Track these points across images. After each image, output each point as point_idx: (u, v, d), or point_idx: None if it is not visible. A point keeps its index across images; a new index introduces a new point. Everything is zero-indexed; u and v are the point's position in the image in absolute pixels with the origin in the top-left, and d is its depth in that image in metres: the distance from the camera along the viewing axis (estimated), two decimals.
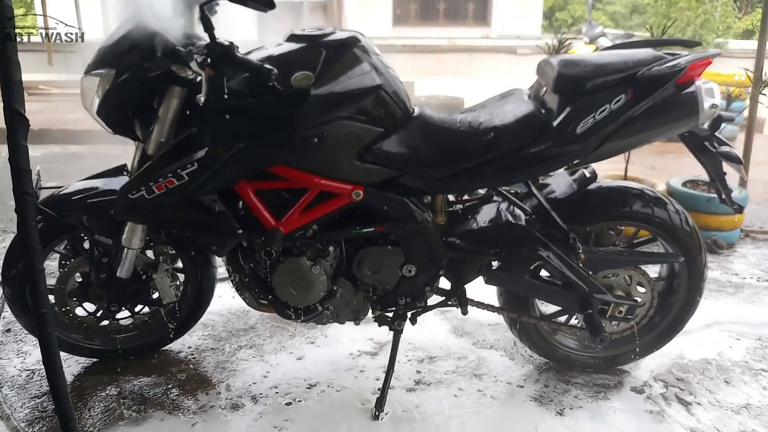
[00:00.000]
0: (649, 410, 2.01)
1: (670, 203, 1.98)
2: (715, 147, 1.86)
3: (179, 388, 2.07)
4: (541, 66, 1.92)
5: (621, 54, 1.84)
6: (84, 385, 2.09)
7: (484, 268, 1.98)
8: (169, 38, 1.65)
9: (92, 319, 2.12)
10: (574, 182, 1.96)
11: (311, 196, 1.78)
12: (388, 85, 1.75)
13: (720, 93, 1.81)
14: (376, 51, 1.80)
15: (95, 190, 1.93)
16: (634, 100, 1.73)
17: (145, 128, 1.75)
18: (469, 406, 2.01)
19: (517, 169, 1.80)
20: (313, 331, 2.42)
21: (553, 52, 4.16)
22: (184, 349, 2.31)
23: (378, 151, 1.75)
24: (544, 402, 2.04)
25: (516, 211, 1.93)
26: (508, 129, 1.78)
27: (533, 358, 2.27)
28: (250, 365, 2.21)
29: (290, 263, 1.85)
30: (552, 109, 1.78)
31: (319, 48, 1.69)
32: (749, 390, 2.12)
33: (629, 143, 1.85)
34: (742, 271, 3.15)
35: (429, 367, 2.22)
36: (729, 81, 5.39)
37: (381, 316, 2.01)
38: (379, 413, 1.93)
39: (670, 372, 2.21)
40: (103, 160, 2.19)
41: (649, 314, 2.10)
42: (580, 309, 1.98)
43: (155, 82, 1.67)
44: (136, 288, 2.04)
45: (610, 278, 2.03)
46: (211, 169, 1.69)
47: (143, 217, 1.82)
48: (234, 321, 2.52)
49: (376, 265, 1.90)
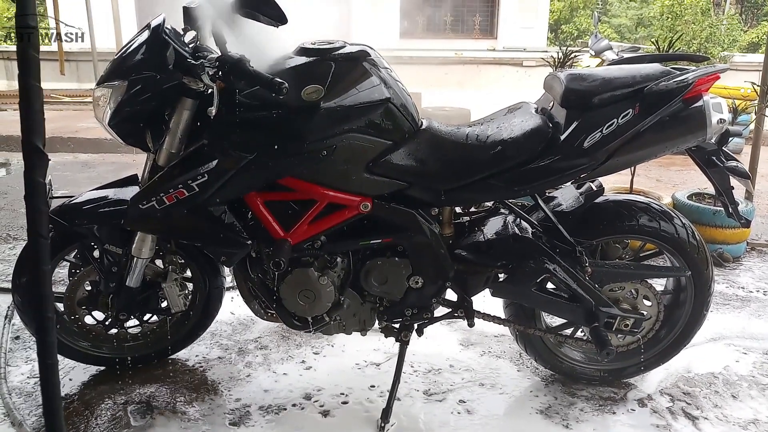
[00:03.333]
0: (655, 424, 2.00)
1: (676, 217, 1.98)
2: (723, 161, 1.87)
3: (186, 397, 2.08)
4: (548, 80, 1.94)
5: (629, 69, 1.85)
6: (91, 393, 2.10)
7: (490, 281, 1.99)
8: (181, 51, 1.67)
9: (101, 328, 2.14)
10: (581, 195, 1.97)
11: (320, 207, 1.80)
12: (396, 99, 1.77)
13: (727, 107, 1.82)
14: (385, 64, 1.82)
15: (106, 200, 1.95)
16: (641, 115, 1.74)
17: (157, 139, 1.77)
18: (475, 418, 2.01)
19: (524, 182, 1.81)
20: (319, 342, 2.43)
21: (559, 64, 4.18)
22: (192, 358, 2.32)
23: (386, 164, 1.77)
24: (550, 414, 2.03)
25: (523, 224, 1.94)
26: (516, 142, 1.80)
27: (539, 370, 2.27)
28: (257, 374, 2.22)
29: (298, 274, 1.86)
30: (559, 123, 1.80)
31: (328, 61, 1.71)
32: (757, 405, 2.11)
33: (636, 157, 1.86)
34: (749, 284, 3.14)
35: (435, 379, 2.22)
36: (735, 94, 5.40)
37: (387, 327, 2.02)
38: (384, 424, 1.94)
39: (676, 386, 2.21)
40: (114, 168, 2.21)
41: (655, 328, 2.10)
42: (586, 322, 1.98)
43: (167, 94, 1.70)
44: (145, 297, 2.06)
45: (616, 291, 2.03)
46: (221, 180, 1.71)
47: (153, 227, 1.84)
48: (241, 330, 2.53)
49: (383, 276, 1.91)
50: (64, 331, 2.10)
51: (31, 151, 0.84)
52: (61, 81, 8.57)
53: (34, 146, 0.80)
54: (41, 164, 0.81)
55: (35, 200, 0.81)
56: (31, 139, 0.80)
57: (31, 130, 0.81)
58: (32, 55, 0.93)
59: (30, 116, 0.81)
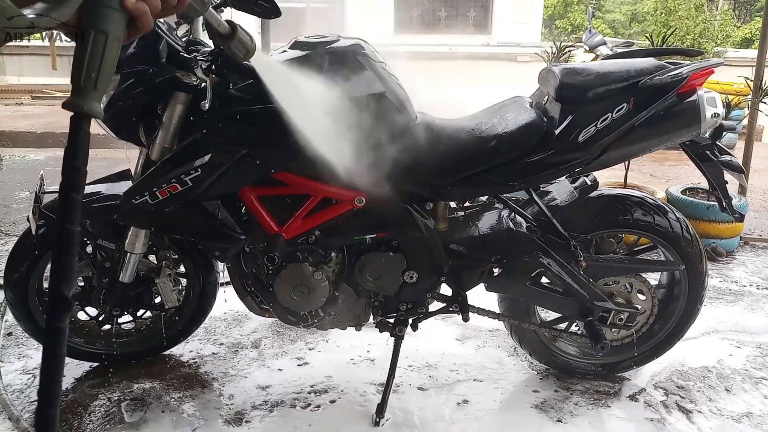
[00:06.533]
0: (649, 418, 2.01)
1: (670, 211, 1.99)
2: (717, 156, 1.87)
3: (180, 393, 2.07)
4: (543, 74, 1.93)
5: (623, 63, 1.85)
6: (84, 389, 2.09)
7: (485, 275, 1.98)
8: (174, 44, 1.66)
9: (94, 324, 2.13)
10: (575, 190, 1.97)
11: (314, 202, 1.79)
12: (391, 93, 1.76)
13: (721, 102, 1.83)
14: (379, 58, 1.81)
15: (98, 195, 1.93)
16: (636, 109, 1.74)
17: (149, 134, 1.76)
18: (470, 413, 2.01)
19: (518, 176, 1.81)
20: (314, 337, 2.43)
21: (554, 59, 4.18)
22: (186, 354, 2.31)
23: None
24: (545, 409, 2.04)
25: (517, 219, 1.94)
26: (511, 137, 1.79)
27: (534, 364, 2.28)
28: (252, 370, 2.22)
29: (292, 269, 1.85)
30: (554, 117, 1.79)
31: (323, 55, 1.70)
32: (750, 398, 2.12)
33: (631, 152, 1.86)
34: (742, 278, 3.15)
35: (430, 373, 2.22)
36: (728, 89, 5.42)
37: (382, 322, 2.02)
38: (379, 419, 1.94)
39: (670, 379, 2.22)
40: (106, 164, 2.19)
41: (649, 322, 2.11)
42: (580, 316, 1.99)
43: (160, 88, 1.68)
44: (139, 292, 2.05)
45: (610, 286, 2.04)
46: (215, 175, 1.70)
47: (146, 222, 1.83)
48: (236, 326, 2.53)
49: (377, 271, 1.91)
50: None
51: (62, 228, 0.60)
52: (53, 76, 8.52)
53: (66, 227, 0.58)
54: (74, 240, 0.60)
55: (59, 287, 0.58)
56: (64, 222, 0.59)
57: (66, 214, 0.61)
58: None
59: (71, 172, 0.60)
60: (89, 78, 0.63)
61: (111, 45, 0.64)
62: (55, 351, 0.61)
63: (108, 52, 0.64)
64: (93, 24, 0.63)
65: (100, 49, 0.63)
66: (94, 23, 0.63)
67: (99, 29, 0.63)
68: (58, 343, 0.61)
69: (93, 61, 0.63)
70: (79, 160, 0.64)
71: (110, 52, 0.64)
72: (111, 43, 0.64)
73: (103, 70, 0.64)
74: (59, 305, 0.62)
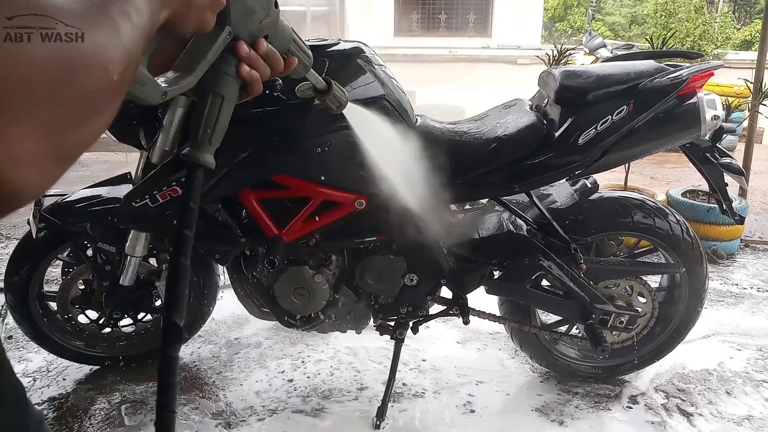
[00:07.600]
0: (650, 421, 2.01)
1: (671, 214, 1.99)
2: (717, 158, 1.87)
3: (180, 396, 2.07)
4: (543, 77, 1.93)
5: (623, 65, 1.85)
6: (85, 392, 2.08)
7: (485, 278, 1.98)
8: None
9: (94, 327, 2.13)
10: (575, 192, 1.97)
11: (314, 205, 1.79)
12: (391, 95, 1.76)
13: (721, 104, 1.83)
14: (379, 61, 1.81)
15: (99, 198, 1.93)
16: (636, 112, 1.74)
17: (150, 137, 1.76)
18: (471, 416, 2.01)
19: (518, 179, 1.81)
20: (314, 340, 2.42)
21: (554, 62, 4.18)
22: (186, 356, 2.31)
23: None
24: (546, 412, 2.04)
25: (517, 221, 1.94)
26: (511, 139, 1.79)
27: (535, 367, 2.27)
28: (251, 373, 2.21)
29: (293, 272, 1.85)
30: (554, 119, 1.79)
31: (323, 58, 1.70)
32: (751, 401, 2.12)
33: (631, 154, 1.86)
34: (742, 281, 3.15)
35: (431, 376, 2.22)
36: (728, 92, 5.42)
37: (382, 325, 2.01)
38: (380, 423, 1.93)
39: (671, 382, 2.21)
40: (107, 167, 2.20)
41: (649, 324, 2.11)
42: (581, 319, 1.98)
43: None
44: (139, 295, 2.05)
45: (611, 288, 2.03)
46: (215, 177, 1.69)
47: (147, 225, 1.82)
48: (236, 329, 2.52)
49: (378, 274, 1.91)
50: (58, 330, 2.09)
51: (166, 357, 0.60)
52: None
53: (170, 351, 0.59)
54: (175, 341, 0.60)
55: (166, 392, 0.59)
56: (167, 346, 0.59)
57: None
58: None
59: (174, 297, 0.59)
60: (205, 134, 0.71)
61: (226, 106, 0.71)
62: (168, 380, 0.61)
63: (222, 113, 0.71)
64: (212, 88, 0.70)
65: (216, 110, 0.71)
66: (213, 87, 0.70)
67: (217, 93, 0.70)
68: (171, 371, 0.61)
69: (209, 119, 0.70)
70: (193, 201, 0.70)
71: (224, 113, 0.71)
72: (226, 105, 0.71)
73: (218, 127, 0.71)
74: (172, 334, 0.62)
